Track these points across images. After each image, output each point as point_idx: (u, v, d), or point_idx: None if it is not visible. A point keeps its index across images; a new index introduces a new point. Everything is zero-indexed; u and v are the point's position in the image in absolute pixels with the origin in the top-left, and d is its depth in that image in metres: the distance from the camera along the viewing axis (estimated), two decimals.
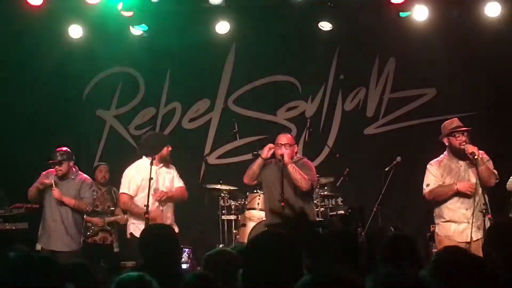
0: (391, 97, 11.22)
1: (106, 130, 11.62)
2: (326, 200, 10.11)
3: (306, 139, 10.80)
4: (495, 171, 7.63)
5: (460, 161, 7.61)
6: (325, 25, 10.58)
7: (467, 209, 7.50)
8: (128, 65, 11.54)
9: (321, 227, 8.82)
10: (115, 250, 9.70)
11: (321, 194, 9.80)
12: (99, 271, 5.04)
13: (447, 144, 7.68)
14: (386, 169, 9.36)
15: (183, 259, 10.32)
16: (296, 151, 8.27)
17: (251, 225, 9.50)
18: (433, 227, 9.11)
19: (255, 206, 9.61)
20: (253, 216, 9.62)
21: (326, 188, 10.03)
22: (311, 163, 8.50)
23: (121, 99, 11.66)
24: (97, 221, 9.62)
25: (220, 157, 11.44)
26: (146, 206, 7.80)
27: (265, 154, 8.10)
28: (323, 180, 9.83)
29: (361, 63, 11.23)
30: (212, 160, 11.37)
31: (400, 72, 11.15)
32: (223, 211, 10.04)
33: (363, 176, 10.33)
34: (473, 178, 7.50)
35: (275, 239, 3.37)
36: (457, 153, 7.58)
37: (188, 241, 10.32)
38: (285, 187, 7.94)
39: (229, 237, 9.87)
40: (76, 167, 8.94)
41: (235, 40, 11.25)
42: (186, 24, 10.65)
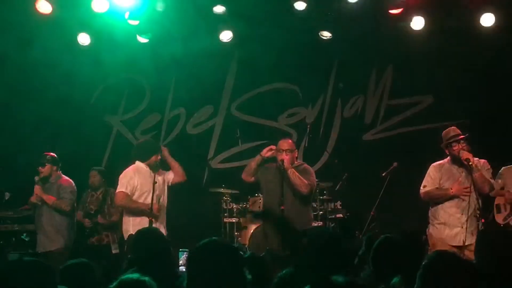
0: (388, 104, 11.46)
1: (113, 135, 11.85)
2: (325, 204, 10.33)
3: (306, 145, 11.06)
4: (492, 180, 7.88)
5: (461, 167, 7.83)
6: (325, 34, 10.82)
7: (462, 214, 7.71)
8: (135, 72, 11.74)
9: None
10: (113, 251, 9.76)
11: (320, 198, 10.02)
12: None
13: (448, 153, 7.91)
14: (383, 174, 9.60)
15: (181, 262, 10.53)
16: (296, 156, 8.51)
17: (252, 227, 9.73)
18: (427, 233, 9.38)
19: (256, 209, 9.84)
20: (254, 219, 9.87)
21: (325, 192, 10.23)
22: (311, 168, 8.72)
23: (128, 105, 11.89)
24: (86, 222, 9.84)
25: (223, 161, 11.69)
26: (150, 207, 8.07)
27: (264, 153, 8.35)
28: (322, 185, 10.04)
29: (360, 71, 11.47)
30: (215, 164, 11.61)
31: (398, 80, 11.39)
32: (225, 214, 10.26)
33: (361, 181, 10.54)
34: (469, 185, 7.72)
35: (219, 248, 3.41)
36: (456, 160, 7.81)
37: (189, 244, 10.52)
38: (285, 191, 8.18)
39: (230, 240, 10.03)
40: (60, 172, 9.18)
41: (238, 48, 11.46)
42: (190, 33, 10.80)
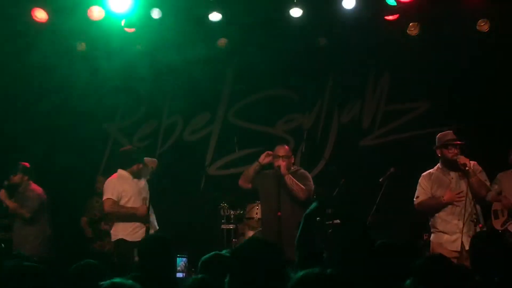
0: (386, 110, 11.46)
1: (110, 142, 11.86)
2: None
3: (303, 151, 11.08)
4: (487, 182, 7.90)
5: (451, 172, 7.86)
6: (322, 41, 10.85)
7: (459, 220, 7.73)
8: (131, 79, 11.67)
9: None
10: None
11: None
12: None
13: (439, 155, 7.96)
14: (381, 180, 9.60)
15: (179, 268, 10.54)
16: (293, 162, 8.54)
17: (249, 234, 9.74)
18: (426, 235, 9.40)
19: (254, 216, 9.84)
20: (251, 225, 9.85)
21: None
22: (308, 173, 8.77)
23: (125, 113, 11.93)
24: (87, 232, 9.84)
25: (219, 168, 11.70)
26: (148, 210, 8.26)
27: (262, 159, 8.40)
28: (319, 190, 10.02)
29: (357, 77, 11.47)
30: (212, 171, 11.62)
31: (395, 85, 11.38)
32: (222, 221, 10.26)
33: (358, 187, 10.55)
34: (464, 189, 7.75)
35: (260, 246, 3.43)
36: (449, 164, 7.84)
37: (187, 250, 10.55)
38: (282, 197, 8.21)
39: (228, 246, 9.97)
40: (31, 182, 9.24)
41: (234, 55, 11.51)
42: (186, 40, 10.85)
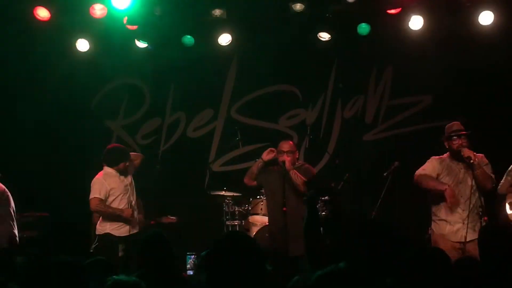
0: (389, 104, 11.47)
1: (114, 140, 11.77)
2: (327, 205, 10.32)
3: (307, 146, 11.08)
4: (493, 175, 7.90)
5: (460, 163, 7.89)
6: (324, 36, 10.84)
7: (463, 210, 7.77)
8: (134, 76, 11.77)
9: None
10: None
11: (321, 199, 10.03)
12: None
13: (447, 147, 8.00)
14: (385, 174, 9.61)
15: (188, 265, 10.57)
16: (297, 157, 8.55)
17: (254, 230, 9.76)
18: (430, 229, 9.40)
19: (258, 211, 9.86)
20: (256, 221, 9.88)
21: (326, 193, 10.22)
22: (313, 168, 8.78)
23: (128, 110, 11.89)
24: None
25: (224, 164, 11.69)
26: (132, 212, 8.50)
27: (265, 156, 8.41)
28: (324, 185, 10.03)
29: (360, 72, 11.46)
30: (216, 167, 11.62)
31: (397, 80, 11.40)
32: (227, 217, 10.27)
33: (362, 181, 10.56)
34: (470, 181, 7.79)
35: (239, 239, 3.41)
36: (456, 155, 7.87)
37: (194, 247, 10.57)
38: (287, 193, 8.22)
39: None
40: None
41: (236, 51, 11.48)
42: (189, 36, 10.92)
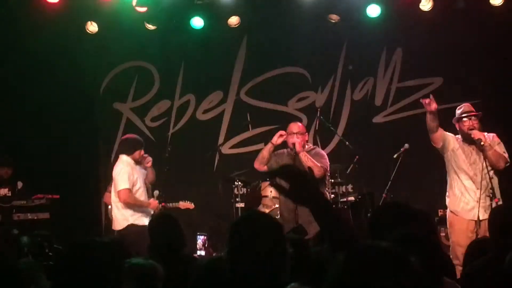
0: (398, 87, 11.42)
1: (123, 122, 11.85)
2: (337, 187, 10.34)
3: (316, 129, 11.07)
4: (506, 154, 7.90)
5: (471, 144, 7.91)
6: (334, 18, 10.81)
7: (478, 189, 7.80)
8: (143, 59, 11.77)
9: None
10: None
11: (331, 182, 10.01)
12: None
13: (458, 129, 8.01)
14: (395, 156, 9.60)
15: (198, 246, 10.62)
16: (307, 139, 8.54)
17: (264, 212, 9.78)
18: (440, 211, 9.42)
19: (268, 194, 9.85)
20: (266, 203, 9.85)
21: (336, 175, 10.23)
22: (323, 151, 8.77)
23: (137, 92, 11.90)
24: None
25: (233, 147, 11.69)
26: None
27: (275, 140, 8.39)
28: (333, 167, 10.02)
29: (369, 54, 11.43)
30: (225, 150, 11.63)
31: (407, 62, 11.34)
32: (237, 199, 10.27)
33: (372, 163, 10.51)
34: (482, 162, 7.79)
35: (262, 219, 3.32)
36: (467, 137, 7.89)
37: (204, 228, 10.63)
38: None
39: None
40: None
41: (246, 33, 11.50)
42: (198, 19, 10.92)
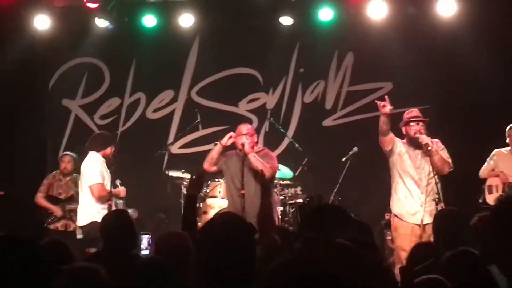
0: (349, 90, 11.50)
1: (71, 119, 11.72)
2: (286, 189, 10.35)
3: (267, 130, 11.09)
4: (450, 159, 8.01)
5: (416, 149, 7.99)
6: (287, 20, 10.84)
7: (422, 193, 7.90)
8: (94, 56, 11.65)
9: None
10: (77, 236, 9.77)
11: (280, 184, 10.04)
12: None
13: (404, 133, 8.09)
14: (343, 159, 9.67)
15: (143, 245, 10.53)
16: (256, 141, 8.55)
17: (212, 213, 9.67)
18: (387, 215, 9.51)
19: (217, 194, 9.82)
20: (214, 204, 9.83)
21: (285, 177, 10.26)
22: (272, 152, 8.79)
23: (87, 89, 11.77)
24: (56, 209, 9.78)
25: (183, 146, 11.63)
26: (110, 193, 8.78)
27: (224, 141, 8.39)
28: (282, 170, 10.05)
29: (321, 57, 11.49)
30: (175, 149, 11.57)
31: (358, 66, 11.43)
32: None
33: (321, 166, 10.54)
34: (427, 167, 7.90)
35: (230, 221, 3.31)
36: (413, 141, 7.98)
37: (149, 228, 10.54)
38: (246, 176, 8.22)
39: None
40: None
41: (198, 33, 11.45)
42: (150, 17, 10.85)
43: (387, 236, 9.74)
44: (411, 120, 8.01)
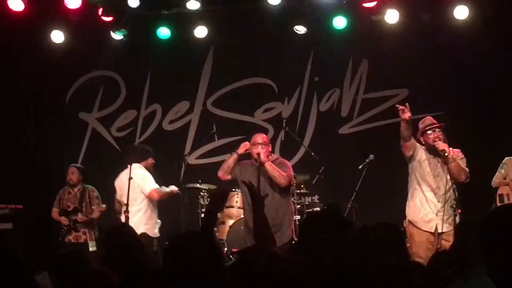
0: (364, 98, 11.48)
1: (89, 132, 11.79)
2: (303, 198, 10.38)
3: (283, 139, 11.09)
4: (467, 169, 7.96)
5: (436, 157, 7.92)
6: (300, 29, 10.85)
7: (438, 201, 7.83)
8: (110, 68, 11.71)
9: None
10: (90, 249, 9.79)
11: (297, 192, 10.03)
12: None
13: (424, 142, 8.03)
14: (360, 167, 9.65)
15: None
16: (270, 150, 8.54)
17: (230, 222, 9.76)
18: (405, 223, 9.47)
19: (234, 204, 9.86)
20: (231, 214, 9.88)
21: (302, 186, 10.24)
22: (286, 161, 8.78)
23: (103, 102, 11.83)
24: (63, 220, 9.84)
25: (199, 157, 11.65)
26: (126, 205, 8.67)
27: (240, 151, 8.40)
28: (300, 178, 10.04)
29: (335, 65, 11.49)
30: (191, 160, 11.58)
31: (373, 73, 11.42)
32: (202, 210, 10.22)
33: (338, 174, 10.58)
34: (446, 175, 7.84)
35: (195, 239, 3.35)
36: (432, 150, 7.90)
37: (166, 239, 10.53)
38: (263, 185, 8.20)
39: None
40: None
41: (213, 44, 11.50)
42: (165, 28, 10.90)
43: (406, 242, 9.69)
44: (428, 128, 7.95)
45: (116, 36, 10.66)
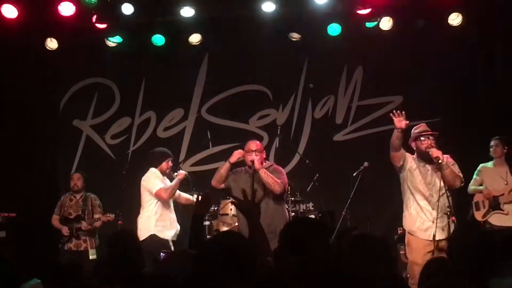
0: (359, 105, 11.47)
1: (83, 140, 11.76)
2: (297, 205, 10.34)
3: (277, 147, 11.07)
4: (461, 174, 7.95)
5: (427, 165, 7.92)
6: (295, 36, 10.84)
7: (433, 209, 7.82)
8: (104, 75, 11.70)
9: None
10: (90, 257, 9.77)
11: (292, 200, 10.01)
12: None
13: (415, 148, 8.03)
14: (354, 174, 9.63)
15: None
16: (264, 157, 8.51)
17: (224, 230, 9.73)
18: (400, 230, 9.46)
19: (228, 212, 9.81)
20: (226, 222, 9.85)
21: (297, 193, 10.24)
22: (281, 168, 8.75)
23: (97, 109, 11.80)
24: (63, 229, 9.81)
25: (194, 164, 11.62)
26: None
27: (232, 159, 8.37)
28: (293, 185, 10.01)
29: (330, 72, 11.48)
30: (186, 167, 11.54)
31: (368, 80, 11.41)
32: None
33: (332, 181, 10.56)
34: (438, 182, 7.84)
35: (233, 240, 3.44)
36: (423, 157, 7.90)
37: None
38: (257, 192, 8.16)
39: None
40: None
41: (207, 51, 11.49)
42: (159, 35, 10.89)
43: (400, 251, 9.67)
44: (422, 134, 7.95)
45: (112, 42, 10.64)
